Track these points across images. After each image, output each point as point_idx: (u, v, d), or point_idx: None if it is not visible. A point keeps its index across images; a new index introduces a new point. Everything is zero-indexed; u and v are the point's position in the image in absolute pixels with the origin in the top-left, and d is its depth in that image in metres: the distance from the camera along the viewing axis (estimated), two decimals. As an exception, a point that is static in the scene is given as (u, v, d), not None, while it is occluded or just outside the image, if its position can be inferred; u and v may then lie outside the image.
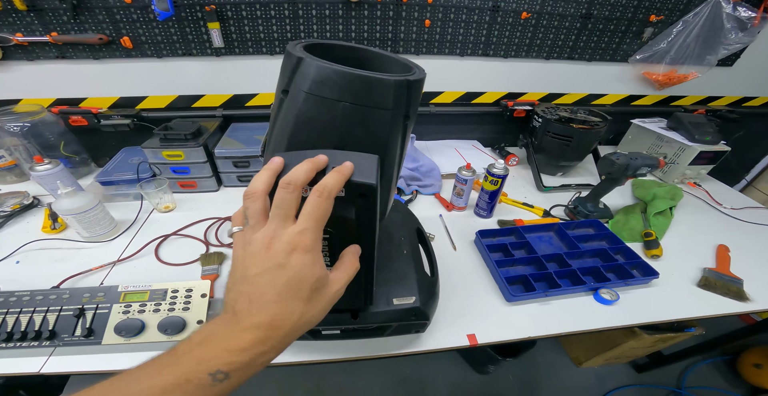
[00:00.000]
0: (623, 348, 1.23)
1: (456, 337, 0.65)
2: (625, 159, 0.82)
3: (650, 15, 1.08)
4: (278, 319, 0.27)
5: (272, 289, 0.27)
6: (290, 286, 0.27)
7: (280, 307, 0.27)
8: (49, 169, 0.80)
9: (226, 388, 0.25)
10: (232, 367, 0.24)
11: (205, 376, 0.24)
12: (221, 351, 0.25)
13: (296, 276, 0.27)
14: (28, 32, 0.89)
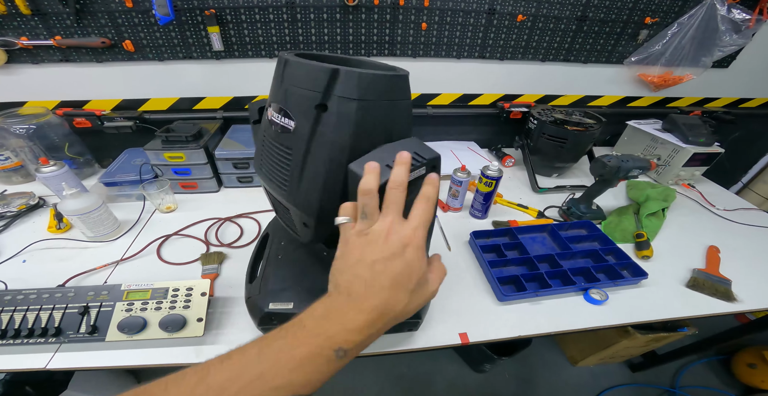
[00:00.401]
0: (617, 347, 1.25)
1: (448, 336, 0.66)
2: (617, 161, 0.83)
3: (645, 17, 1.09)
4: (389, 305, 0.29)
5: (388, 276, 0.29)
6: (402, 276, 0.29)
7: (392, 293, 0.29)
8: (54, 170, 0.82)
9: (341, 365, 0.27)
10: (349, 346, 0.27)
11: (331, 352, 0.26)
12: (341, 329, 0.27)
13: (408, 268, 0.30)
14: (32, 36, 0.91)
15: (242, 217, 0.95)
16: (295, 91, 0.38)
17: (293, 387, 0.25)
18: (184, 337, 0.60)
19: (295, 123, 0.39)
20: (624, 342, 1.21)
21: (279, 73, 0.40)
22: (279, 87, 0.40)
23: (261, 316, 0.57)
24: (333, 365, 0.26)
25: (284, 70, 0.39)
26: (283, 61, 0.40)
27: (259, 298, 0.59)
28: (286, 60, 0.39)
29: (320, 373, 0.26)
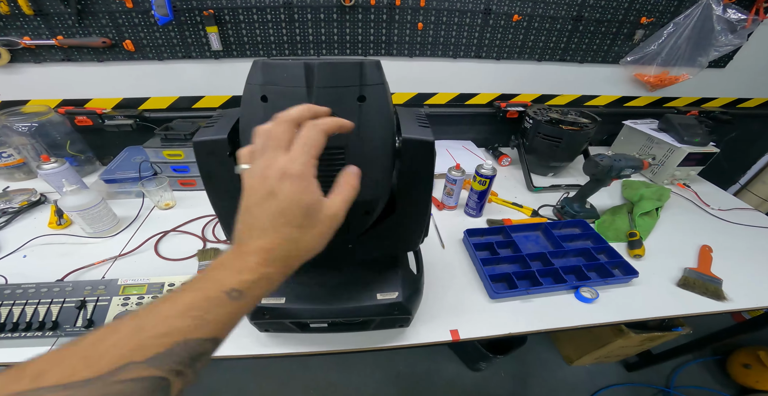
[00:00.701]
0: (612, 346, 1.25)
1: (439, 333, 0.67)
2: (609, 160, 0.84)
3: (641, 17, 1.09)
4: (275, 244, 0.29)
5: (266, 216, 0.28)
6: (282, 213, 0.28)
7: (275, 233, 0.29)
8: (55, 167, 0.84)
9: (244, 305, 0.27)
10: (243, 286, 0.27)
11: (221, 294, 0.26)
12: (232, 273, 0.27)
13: (286, 202, 0.28)
14: (35, 36, 0.93)
15: (239, 215, 0.96)
16: (338, 92, 0.39)
17: (181, 331, 0.24)
18: None
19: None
20: (619, 341, 1.21)
21: (302, 81, 0.38)
22: (308, 95, 0.38)
23: (253, 310, 0.58)
24: (230, 306, 0.26)
25: (312, 77, 0.38)
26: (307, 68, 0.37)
27: None
28: (311, 66, 0.37)
29: (214, 315, 0.25)
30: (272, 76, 0.38)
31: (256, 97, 0.39)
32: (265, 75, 0.38)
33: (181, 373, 0.24)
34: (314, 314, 0.59)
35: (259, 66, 0.38)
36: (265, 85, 0.38)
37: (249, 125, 0.40)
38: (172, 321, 0.24)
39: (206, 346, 0.25)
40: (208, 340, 0.25)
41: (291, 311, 0.58)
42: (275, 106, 0.37)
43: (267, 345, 0.64)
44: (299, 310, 0.58)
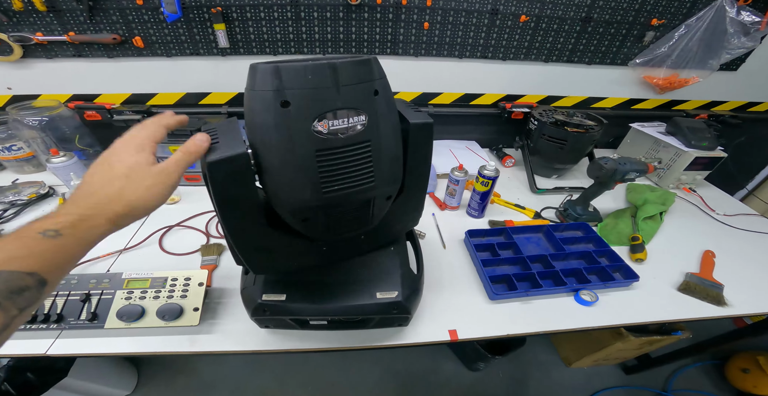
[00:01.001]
0: (611, 349, 1.25)
1: (438, 332, 0.67)
2: (613, 164, 0.83)
3: (652, 19, 1.08)
4: (95, 189, 0.32)
5: (99, 177, 0.33)
6: (109, 168, 0.33)
7: (98, 183, 0.33)
8: (64, 161, 0.86)
9: (65, 244, 0.29)
10: (58, 225, 0.29)
11: (35, 234, 0.28)
12: (48, 221, 0.29)
13: (115, 164, 0.34)
14: (47, 32, 0.95)
15: (243, 211, 0.97)
16: (360, 88, 0.40)
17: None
18: (180, 326, 0.63)
19: (366, 115, 0.41)
20: (618, 344, 1.21)
21: (328, 81, 0.38)
22: (336, 93, 0.39)
23: (254, 306, 0.59)
24: (47, 243, 0.28)
25: (336, 76, 0.38)
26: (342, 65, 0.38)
27: (253, 290, 0.60)
28: (334, 65, 0.38)
29: (30, 249, 0.27)
30: (292, 80, 0.37)
31: (272, 104, 0.37)
32: (284, 79, 0.37)
33: (0, 305, 0.25)
34: (314, 312, 0.59)
35: (269, 71, 0.37)
36: (284, 90, 0.37)
37: (264, 135, 0.39)
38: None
39: (27, 281, 0.26)
40: (27, 275, 0.26)
41: (291, 308, 0.58)
42: (299, 108, 0.38)
43: (267, 341, 0.65)
44: (299, 307, 0.58)
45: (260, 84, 0.38)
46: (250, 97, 0.40)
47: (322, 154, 0.40)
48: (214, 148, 0.39)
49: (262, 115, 0.38)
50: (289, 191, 0.43)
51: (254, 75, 0.38)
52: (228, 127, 0.43)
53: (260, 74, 0.37)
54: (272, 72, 0.36)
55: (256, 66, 0.38)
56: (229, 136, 0.41)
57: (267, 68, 0.37)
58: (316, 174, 0.42)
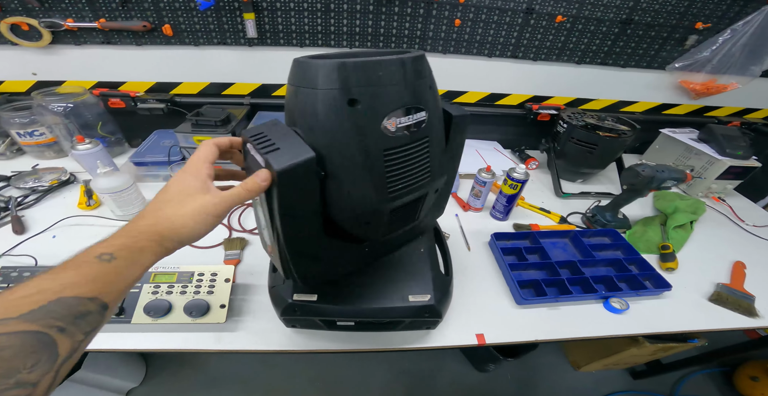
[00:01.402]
0: (624, 355, 1.23)
1: (465, 336, 0.66)
2: (651, 171, 0.81)
3: (696, 22, 1.05)
4: (147, 211, 0.33)
5: (152, 203, 0.34)
6: (163, 192, 0.35)
7: (149, 208, 0.34)
8: (89, 148, 0.84)
9: (120, 267, 0.29)
10: (112, 249, 0.29)
11: (92, 258, 0.28)
12: (102, 244, 0.30)
13: (170, 186, 0.35)
14: (78, 18, 0.93)
15: (264, 204, 0.96)
16: (420, 84, 0.39)
17: (53, 291, 0.25)
18: (206, 323, 0.61)
19: (426, 111, 0.40)
20: (632, 350, 1.19)
21: (397, 77, 0.37)
22: (404, 89, 0.38)
23: (285, 306, 0.58)
24: (103, 266, 0.28)
25: (405, 72, 0.37)
26: (408, 61, 0.37)
27: (282, 288, 0.59)
28: (403, 61, 0.37)
29: (88, 275, 0.27)
30: (361, 77, 0.35)
31: (338, 103, 0.36)
32: (351, 76, 0.35)
33: (65, 330, 0.25)
34: (346, 313, 0.58)
35: (335, 68, 0.34)
36: (351, 88, 0.35)
37: (329, 136, 0.37)
38: (41, 283, 0.25)
39: (88, 306, 0.26)
40: (89, 300, 0.26)
41: (323, 309, 0.57)
42: (369, 107, 0.36)
43: (294, 341, 0.64)
44: (331, 308, 0.57)
45: (323, 82, 0.35)
46: (307, 96, 0.37)
47: (390, 153, 0.39)
48: (275, 154, 0.35)
49: (327, 116, 0.36)
50: (356, 195, 0.41)
51: (314, 72, 0.35)
52: (278, 130, 0.39)
53: (323, 71, 0.35)
54: (338, 68, 0.34)
55: (316, 63, 0.35)
56: (286, 141, 0.37)
57: (331, 65, 0.34)
58: (383, 174, 0.40)
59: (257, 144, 0.36)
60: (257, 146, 0.36)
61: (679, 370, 1.39)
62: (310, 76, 0.36)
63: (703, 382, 1.49)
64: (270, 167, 0.35)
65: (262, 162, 0.36)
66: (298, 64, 0.37)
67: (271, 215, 0.40)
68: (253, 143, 0.36)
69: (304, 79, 0.36)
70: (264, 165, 0.36)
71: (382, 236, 0.52)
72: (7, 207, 0.84)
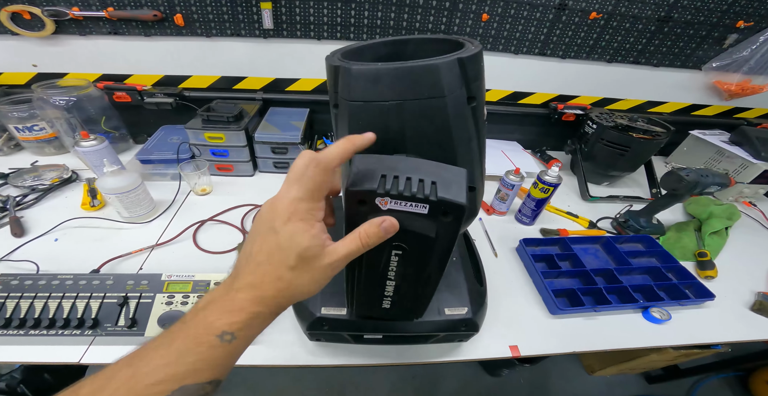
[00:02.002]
0: (643, 360, 1.19)
1: (498, 348, 0.63)
2: (695, 175, 0.76)
3: (738, 21, 1.00)
4: (266, 281, 0.28)
5: (264, 250, 0.28)
6: (279, 251, 0.28)
7: (267, 269, 0.28)
8: (94, 145, 0.79)
9: (238, 346, 0.27)
10: (234, 327, 0.26)
11: (213, 338, 0.26)
12: (222, 313, 0.27)
13: (285, 242, 0.28)
14: (84, 7, 0.87)
15: (279, 206, 0.91)
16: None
17: (176, 379, 0.24)
18: None
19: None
20: (652, 356, 1.15)
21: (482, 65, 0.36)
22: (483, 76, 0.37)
23: (311, 320, 0.53)
24: (223, 349, 0.26)
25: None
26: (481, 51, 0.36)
27: (309, 301, 0.54)
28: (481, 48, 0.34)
29: (209, 360, 0.25)
30: (472, 71, 0.32)
31: (460, 105, 0.33)
32: (469, 72, 0.32)
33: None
34: (377, 327, 0.54)
35: (454, 64, 0.31)
36: (470, 84, 0.32)
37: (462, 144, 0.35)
38: (166, 369, 0.24)
39: (206, 389, 0.26)
40: (207, 384, 0.26)
41: (353, 324, 0.53)
42: (480, 102, 0.34)
43: (316, 354, 0.60)
44: (362, 323, 0.53)
45: (450, 85, 0.31)
46: (430, 110, 0.33)
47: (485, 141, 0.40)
48: (442, 190, 0.29)
49: (456, 120, 0.33)
50: (480, 192, 0.42)
51: (434, 76, 0.31)
52: (412, 164, 0.32)
53: (445, 71, 0.31)
54: (458, 64, 0.31)
55: (434, 63, 0.31)
56: (427, 169, 0.31)
57: (451, 62, 0.31)
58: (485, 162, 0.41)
59: (403, 191, 0.29)
60: (405, 194, 0.29)
61: (696, 374, 1.37)
62: (429, 83, 0.31)
63: (718, 386, 1.47)
64: (450, 205, 0.29)
65: (425, 209, 0.30)
66: (384, 72, 0.32)
67: (435, 267, 0.36)
68: (392, 195, 0.29)
69: (412, 88, 0.32)
70: (427, 212, 0.30)
71: None
72: (5, 207, 0.78)
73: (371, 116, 0.34)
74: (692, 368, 1.35)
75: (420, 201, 0.29)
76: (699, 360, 1.25)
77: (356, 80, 0.33)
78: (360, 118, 0.35)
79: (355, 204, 0.30)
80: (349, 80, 0.33)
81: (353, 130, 0.36)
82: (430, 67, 0.31)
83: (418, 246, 0.33)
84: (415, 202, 0.29)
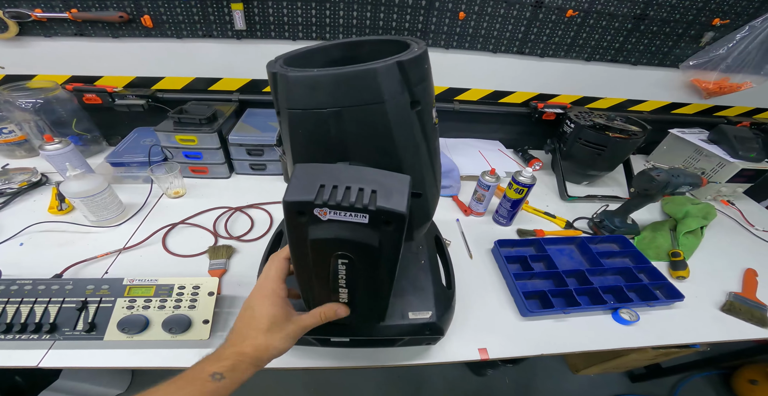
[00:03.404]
0: (625, 359, 1.21)
1: (467, 350, 0.63)
2: (666, 176, 0.76)
3: (714, 18, 1.00)
4: (246, 343, 0.37)
5: (244, 321, 0.39)
6: (253, 320, 0.39)
7: (246, 333, 0.38)
8: (58, 148, 0.77)
9: (226, 385, 0.34)
10: (223, 370, 0.35)
11: (206, 376, 0.34)
12: (212, 362, 0.36)
13: (256, 313, 0.39)
14: (47, 8, 0.85)
15: (253, 208, 0.90)
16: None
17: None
18: (188, 340, 0.56)
19: None
20: (633, 355, 1.17)
21: (429, 66, 0.37)
22: (432, 78, 0.39)
23: None
24: (214, 385, 0.34)
25: (428, 60, 0.37)
26: (425, 53, 0.37)
27: None
28: (425, 50, 0.36)
29: (204, 393, 0.33)
30: (415, 74, 0.32)
31: (401, 110, 0.32)
32: (410, 75, 0.31)
33: None
34: (340, 331, 0.54)
35: (394, 68, 0.31)
36: (413, 88, 0.32)
37: (408, 149, 0.35)
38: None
39: None
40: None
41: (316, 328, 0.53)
42: (426, 106, 0.34)
43: (284, 358, 0.57)
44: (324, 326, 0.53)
45: (389, 89, 0.31)
46: (370, 116, 0.32)
47: (436, 145, 0.40)
48: (381, 199, 0.29)
49: (399, 125, 0.33)
50: (432, 197, 0.43)
51: (371, 81, 0.31)
52: (354, 172, 0.31)
53: (384, 76, 0.31)
54: (398, 69, 0.31)
55: (371, 68, 0.30)
56: (369, 177, 0.31)
57: (389, 67, 0.30)
58: (437, 167, 0.41)
59: (341, 201, 0.28)
60: (344, 204, 0.28)
61: (678, 373, 1.39)
62: (367, 88, 0.31)
63: (701, 385, 1.49)
64: (390, 214, 0.28)
65: (365, 218, 0.29)
66: (321, 79, 0.31)
67: (383, 274, 0.37)
68: (330, 206, 0.29)
69: (351, 95, 0.31)
70: (368, 221, 0.29)
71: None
72: (-29, 212, 0.77)
73: (311, 124, 0.34)
74: (674, 367, 1.37)
75: (359, 211, 0.28)
76: (681, 358, 1.28)
77: (294, 87, 0.32)
78: (300, 126, 0.34)
79: (294, 215, 0.30)
80: (287, 87, 0.33)
81: (294, 138, 0.36)
82: (368, 72, 0.31)
83: (363, 255, 0.33)
84: (354, 212, 0.29)
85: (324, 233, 0.30)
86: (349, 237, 0.30)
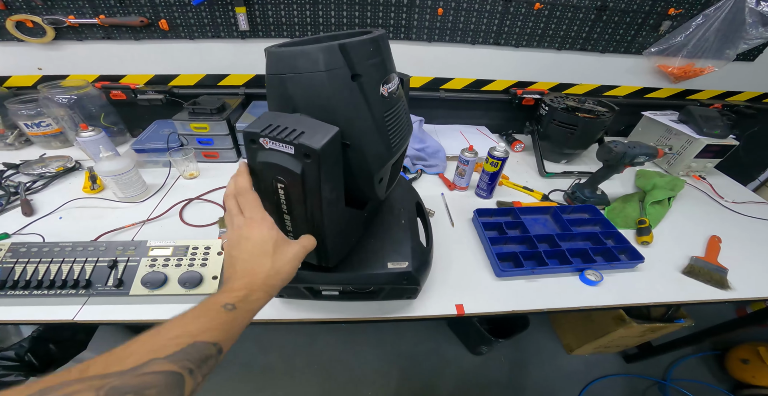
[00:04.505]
0: (613, 336, 1.26)
1: (445, 306, 0.69)
2: (623, 147, 0.84)
3: (669, 8, 1.07)
4: (255, 270, 0.38)
5: (245, 253, 0.39)
6: (256, 247, 0.39)
7: (254, 261, 0.39)
8: (92, 135, 0.90)
9: (237, 316, 0.34)
10: (235, 300, 0.35)
11: (219, 307, 0.34)
12: (226, 295, 0.35)
13: (257, 239, 0.39)
14: (79, 15, 0.99)
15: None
16: (390, 55, 0.47)
17: (191, 334, 0.30)
18: (199, 294, 0.65)
19: (397, 77, 0.49)
20: (620, 331, 1.22)
21: (382, 51, 0.45)
22: (387, 59, 0.46)
23: None
24: (227, 316, 0.33)
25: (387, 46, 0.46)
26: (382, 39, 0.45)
27: None
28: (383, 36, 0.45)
29: (216, 323, 0.32)
30: (359, 54, 0.41)
31: (345, 79, 0.41)
32: (351, 55, 0.41)
33: (193, 372, 0.29)
34: (327, 280, 0.61)
35: (335, 50, 0.40)
36: (354, 65, 0.41)
37: (344, 110, 0.43)
38: (183, 327, 0.31)
39: (211, 350, 0.31)
40: (212, 345, 0.31)
41: (305, 277, 0.59)
42: (369, 78, 0.43)
43: (281, 311, 0.67)
44: (313, 275, 0.59)
45: (329, 63, 0.40)
46: (311, 81, 0.42)
47: (388, 114, 0.47)
48: (305, 137, 0.38)
49: (338, 92, 0.42)
50: (372, 156, 0.48)
51: (314, 57, 0.40)
52: (285, 119, 0.42)
53: (326, 55, 0.40)
54: (340, 50, 0.40)
55: (313, 48, 0.40)
56: (303, 124, 0.41)
57: (331, 47, 0.40)
58: (386, 133, 0.48)
59: (277, 135, 0.39)
60: (278, 137, 0.39)
61: (670, 352, 1.41)
62: (316, 61, 0.40)
63: (695, 365, 1.51)
64: (308, 149, 0.38)
65: (291, 149, 0.39)
66: (283, 53, 0.41)
67: (312, 203, 0.44)
68: (270, 137, 0.39)
69: (299, 66, 0.41)
70: (293, 152, 0.39)
71: (385, 193, 0.59)
72: (17, 191, 0.90)
73: (277, 84, 0.44)
74: (668, 346, 1.39)
75: (286, 143, 0.39)
76: (670, 336, 1.29)
77: (270, 58, 0.44)
78: (270, 86, 0.46)
79: (249, 142, 0.41)
80: (267, 58, 0.44)
81: (269, 94, 0.48)
82: (310, 50, 0.41)
83: (292, 180, 0.42)
84: (283, 143, 0.39)
85: (266, 157, 0.41)
86: (279, 162, 0.41)
